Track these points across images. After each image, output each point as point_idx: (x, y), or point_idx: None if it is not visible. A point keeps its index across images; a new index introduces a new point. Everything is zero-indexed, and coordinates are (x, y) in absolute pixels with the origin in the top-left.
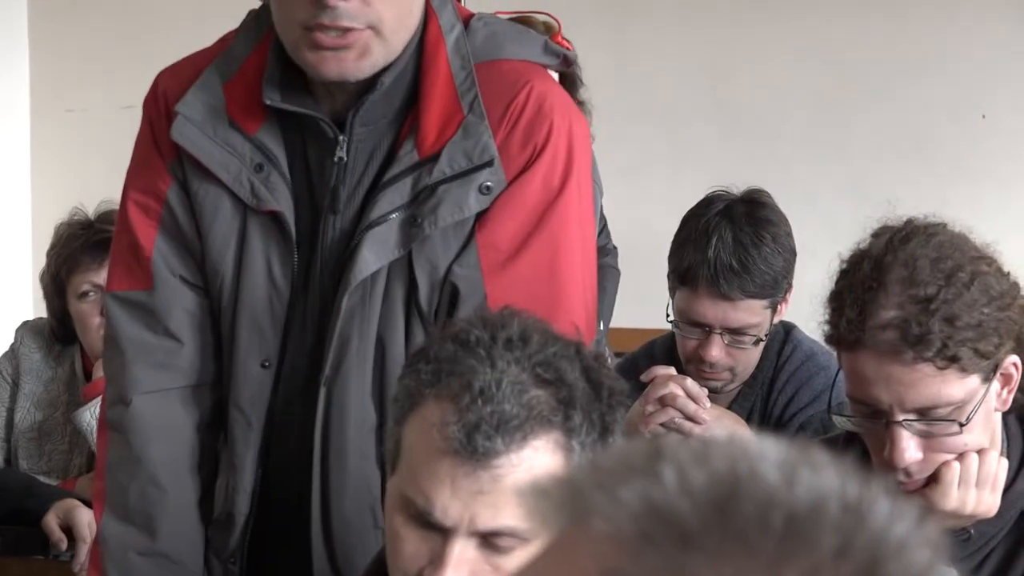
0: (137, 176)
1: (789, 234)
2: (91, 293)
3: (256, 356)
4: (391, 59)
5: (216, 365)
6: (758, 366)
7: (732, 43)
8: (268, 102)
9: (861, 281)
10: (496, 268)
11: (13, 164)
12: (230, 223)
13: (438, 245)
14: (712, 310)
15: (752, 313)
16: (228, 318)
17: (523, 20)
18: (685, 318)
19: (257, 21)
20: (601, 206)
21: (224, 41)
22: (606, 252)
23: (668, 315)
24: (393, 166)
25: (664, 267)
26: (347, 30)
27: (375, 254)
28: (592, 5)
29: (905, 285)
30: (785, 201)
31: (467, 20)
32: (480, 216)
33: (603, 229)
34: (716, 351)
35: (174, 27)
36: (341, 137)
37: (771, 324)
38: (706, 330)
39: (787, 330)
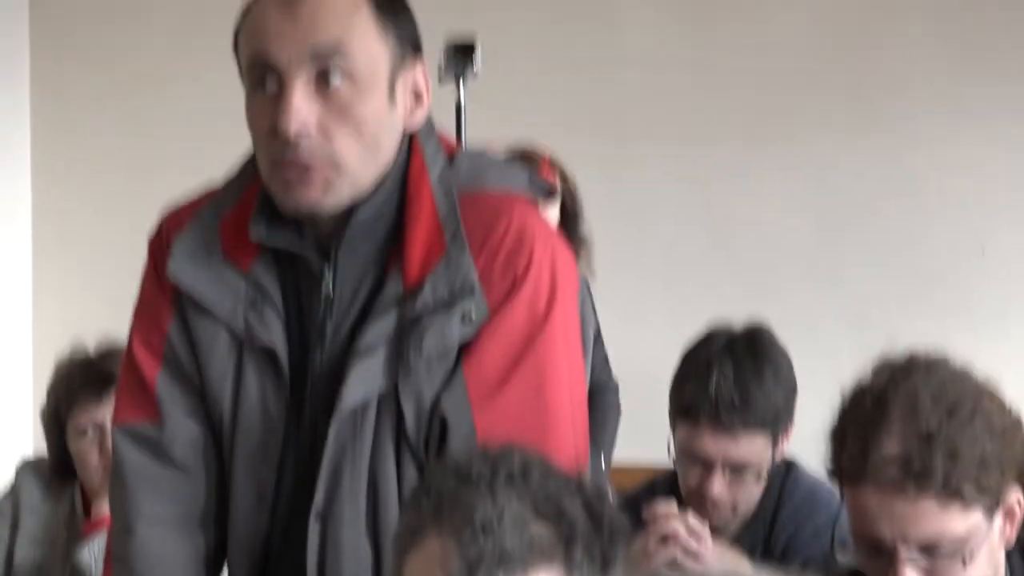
0: (141, 312)
1: (790, 368)
2: (90, 431)
3: (252, 488)
4: (358, 193)
5: (219, 496)
6: (760, 503)
7: (730, 175)
8: (254, 238)
9: (863, 416)
10: (484, 400)
11: (14, 292)
12: (226, 357)
13: (423, 376)
14: (713, 445)
15: (753, 447)
16: (227, 450)
17: (524, 154)
18: (687, 453)
19: (252, 159)
20: (602, 340)
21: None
22: (607, 388)
23: (669, 451)
24: (378, 298)
25: (664, 402)
26: (308, 167)
27: (362, 385)
28: (589, 136)
29: (907, 420)
30: (785, 333)
31: (452, 152)
32: (466, 348)
33: (604, 364)
34: (718, 487)
35: (180, 155)
36: (326, 272)
37: (772, 460)
38: (708, 466)
39: (788, 467)
